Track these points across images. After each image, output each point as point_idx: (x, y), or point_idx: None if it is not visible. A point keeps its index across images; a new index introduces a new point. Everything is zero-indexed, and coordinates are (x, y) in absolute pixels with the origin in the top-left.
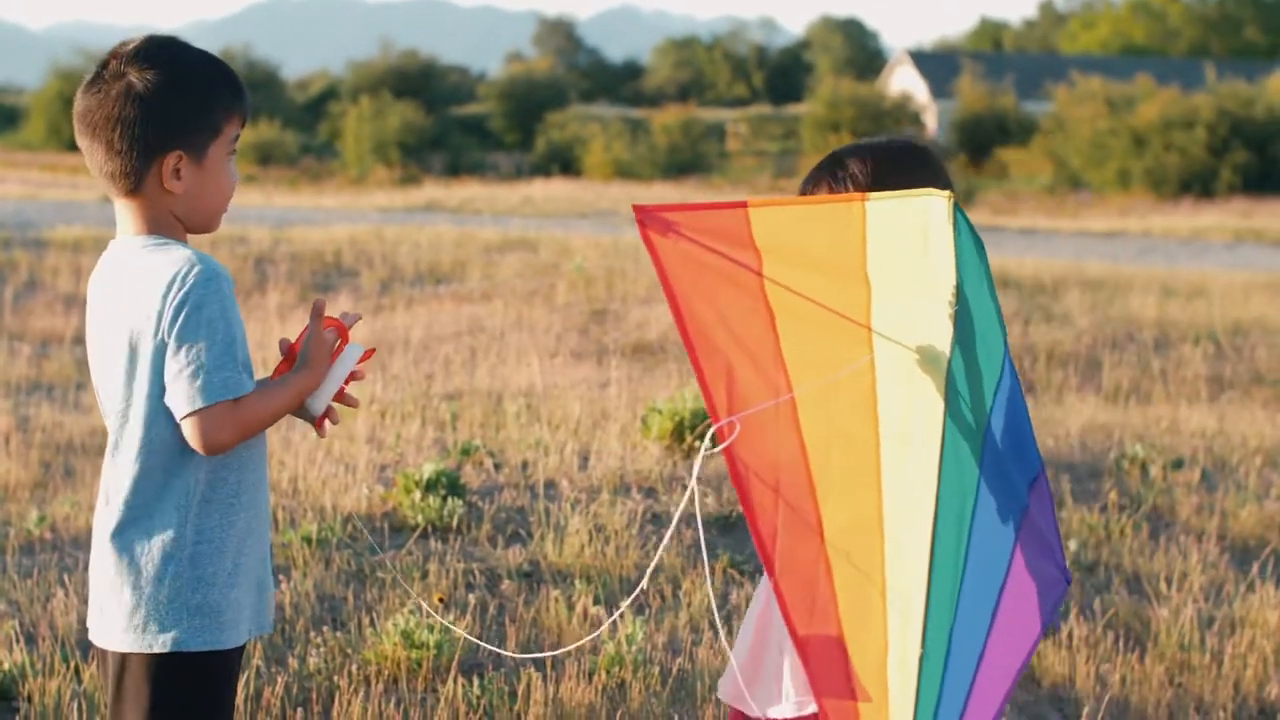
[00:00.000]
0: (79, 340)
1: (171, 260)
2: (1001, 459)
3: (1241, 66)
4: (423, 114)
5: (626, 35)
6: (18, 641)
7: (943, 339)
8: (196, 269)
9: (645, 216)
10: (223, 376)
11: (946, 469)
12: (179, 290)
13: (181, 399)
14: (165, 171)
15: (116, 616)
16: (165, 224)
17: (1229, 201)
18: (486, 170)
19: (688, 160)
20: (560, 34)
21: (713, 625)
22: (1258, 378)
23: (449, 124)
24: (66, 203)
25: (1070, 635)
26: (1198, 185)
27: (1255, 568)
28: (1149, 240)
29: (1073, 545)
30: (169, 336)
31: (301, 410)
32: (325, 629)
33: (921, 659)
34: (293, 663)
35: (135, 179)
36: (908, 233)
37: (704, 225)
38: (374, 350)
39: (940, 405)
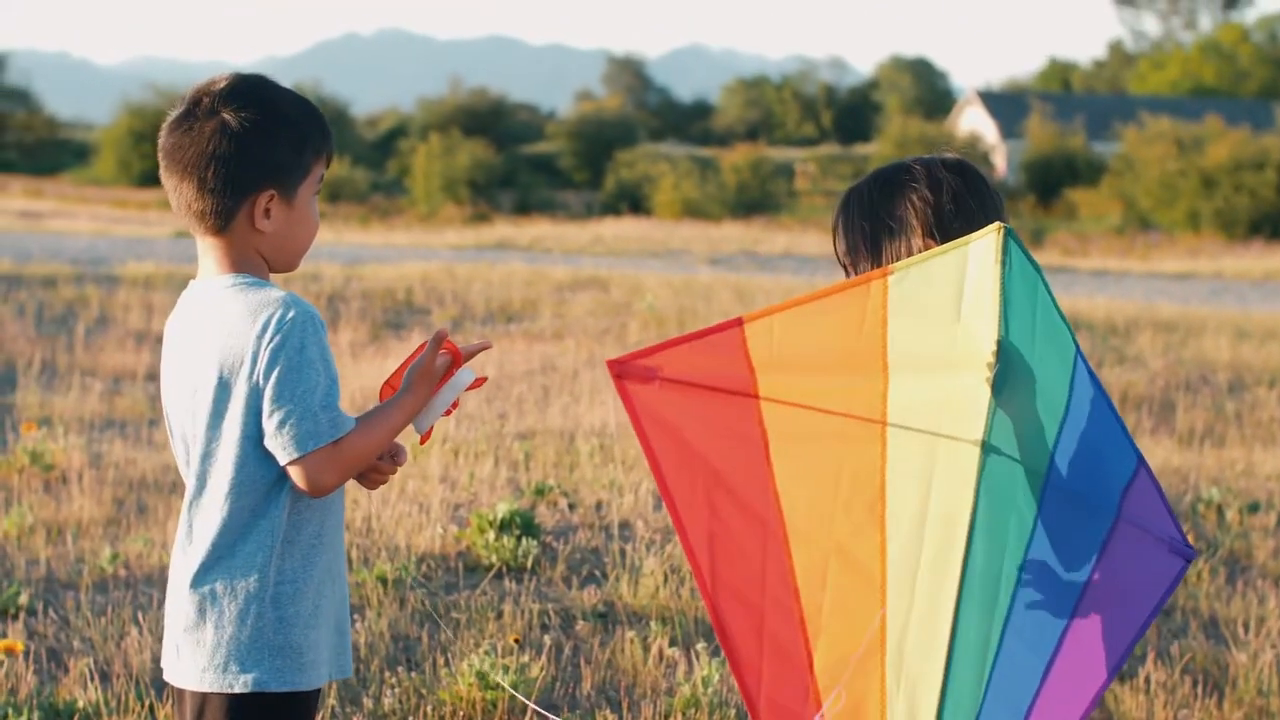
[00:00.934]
0: (151, 377)
1: (265, 301)
2: (1069, 502)
3: None
4: (492, 152)
5: (695, 74)
6: (92, 679)
7: (977, 410)
8: (293, 312)
9: (622, 369)
10: (328, 418)
11: (975, 551)
12: (275, 333)
13: (286, 445)
14: (257, 211)
15: (196, 656)
16: (252, 263)
17: None
18: (555, 209)
19: (756, 199)
20: (629, 72)
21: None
22: None
23: (518, 162)
24: (137, 239)
25: (1148, 680)
26: (1268, 227)
27: None
28: (1220, 282)
29: None
30: (264, 380)
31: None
32: (400, 669)
33: None
34: (368, 703)
35: (225, 217)
36: (938, 299)
37: (691, 359)
38: (485, 379)
39: (971, 482)
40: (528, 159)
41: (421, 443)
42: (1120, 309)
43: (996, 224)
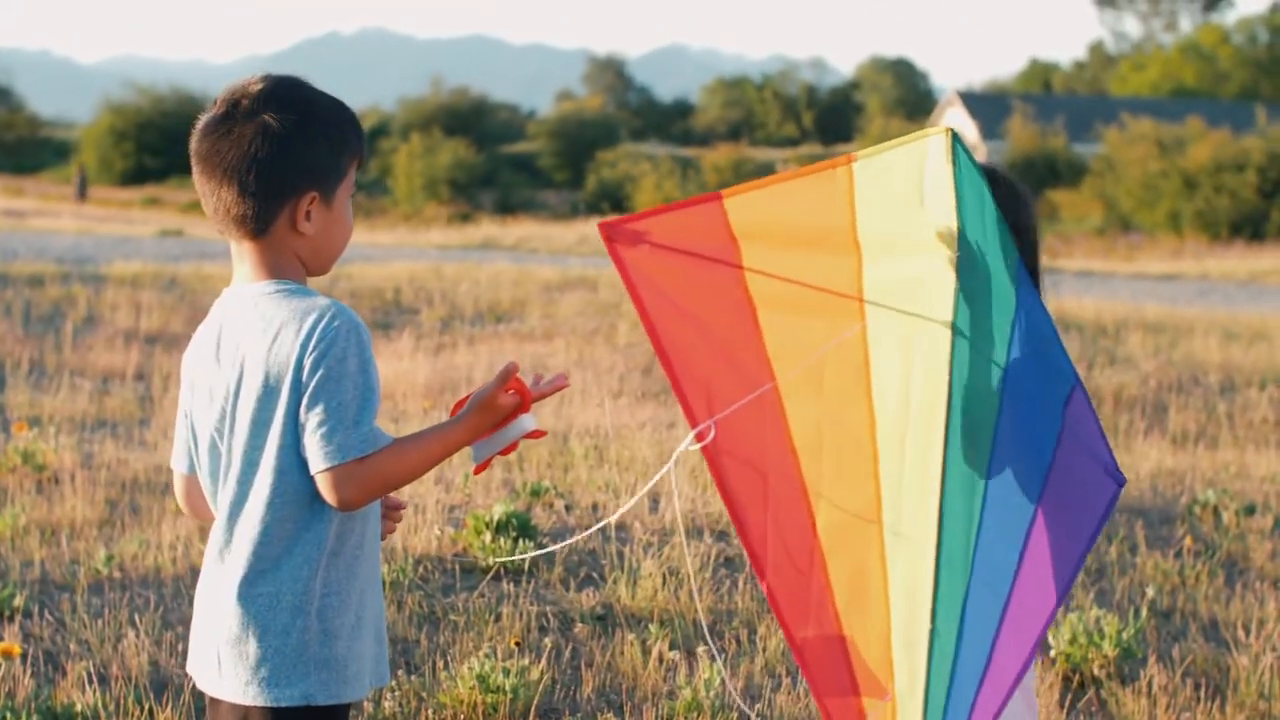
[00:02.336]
0: (140, 376)
1: (310, 309)
2: (1025, 396)
3: None
4: (473, 151)
5: (676, 74)
6: (90, 683)
7: (944, 292)
8: (338, 321)
9: (612, 231)
10: (360, 433)
11: (954, 430)
12: (320, 341)
13: (315, 455)
14: (299, 213)
15: (239, 669)
16: (290, 268)
17: (1279, 245)
18: (536, 208)
19: None
20: (610, 72)
21: (791, 671)
22: None
23: (499, 162)
24: (123, 238)
25: (1150, 683)
26: (1249, 228)
27: None
28: (1206, 283)
29: (1149, 591)
30: (307, 387)
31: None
32: (400, 673)
33: (931, 635)
34: (368, 706)
35: (265, 221)
36: (901, 186)
37: (676, 227)
38: (545, 433)
39: (944, 365)
40: (509, 158)
41: (475, 472)
42: (1109, 310)
43: (946, 127)
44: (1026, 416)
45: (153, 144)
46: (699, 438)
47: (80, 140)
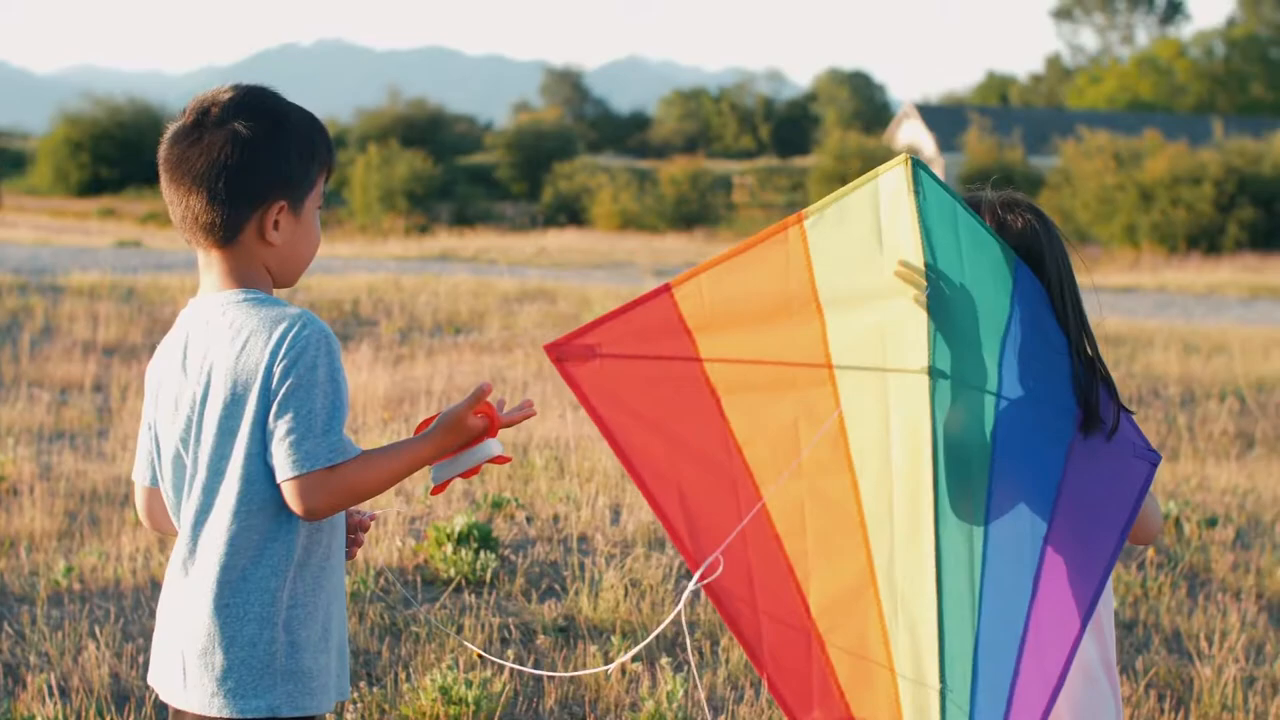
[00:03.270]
0: (98, 387)
1: (280, 316)
2: (1025, 415)
3: (1248, 123)
4: (430, 163)
5: (633, 86)
6: (51, 695)
7: (917, 335)
8: (308, 330)
9: (560, 352)
10: (328, 442)
11: (941, 477)
12: (291, 348)
13: (282, 463)
14: (267, 222)
15: (205, 681)
16: (258, 278)
17: (1236, 257)
18: (494, 220)
19: (695, 212)
20: (567, 84)
21: (754, 683)
22: None
23: (456, 173)
24: (80, 249)
25: None
26: (1205, 241)
27: None
28: (1164, 295)
29: (1112, 604)
30: (276, 396)
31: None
32: (362, 684)
33: (943, 694)
34: (330, 719)
35: (233, 229)
36: (857, 231)
37: (627, 331)
38: (510, 459)
39: (924, 413)
40: (466, 170)
41: (434, 493)
42: None
43: (903, 155)
44: (1029, 437)
45: (109, 155)
46: (707, 573)
47: (36, 151)
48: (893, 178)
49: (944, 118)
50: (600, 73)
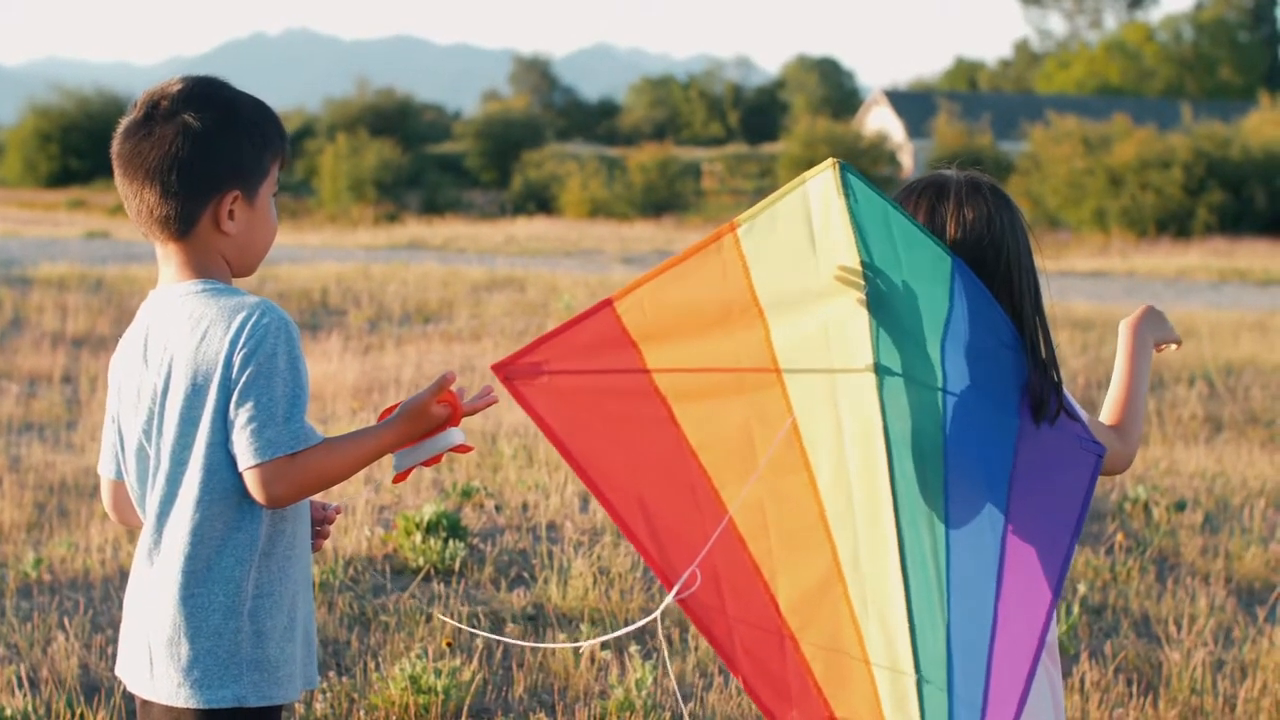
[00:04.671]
0: (67, 379)
1: (239, 306)
2: (973, 404)
3: (1217, 107)
4: (399, 152)
5: (602, 74)
6: (20, 687)
7: (860, 334)
8: (267, 318)
9: (508, 371)
10: (290, 429)
11: (899, 473)
12: (250, 337)
13: (244, 451)
14: (221, 213)
15: (171, 671)
16: (216, 268)
17: (1206, 241)
18: (463, 208)
19: (664, 199)
20: (536, 72)
21: (723, 670)
22: (1253, 418)
23: (425, 162)
24: (49, 240)
25: (1082, 680)
26: (1174, 225)
27: (1262, 612)
28: (1133, 280)
29: (1081, 588)
30: (236, 385)
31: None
32: (331, 674)
33: (919, 684)
34: (299, 709)
35: (188, 222)
36: (789, 238)
37: (572, 347)
38: (472, 448)
39: (874, 411)
40: (435, 159)
41: (395, 480)
42: None
43: (830, 159)
44: (979, 426)
45: (78, 146)
46: (684, 588)
47: (5, 143)
48: (820, 182)
49: (913, 104)
50: (568, 61)
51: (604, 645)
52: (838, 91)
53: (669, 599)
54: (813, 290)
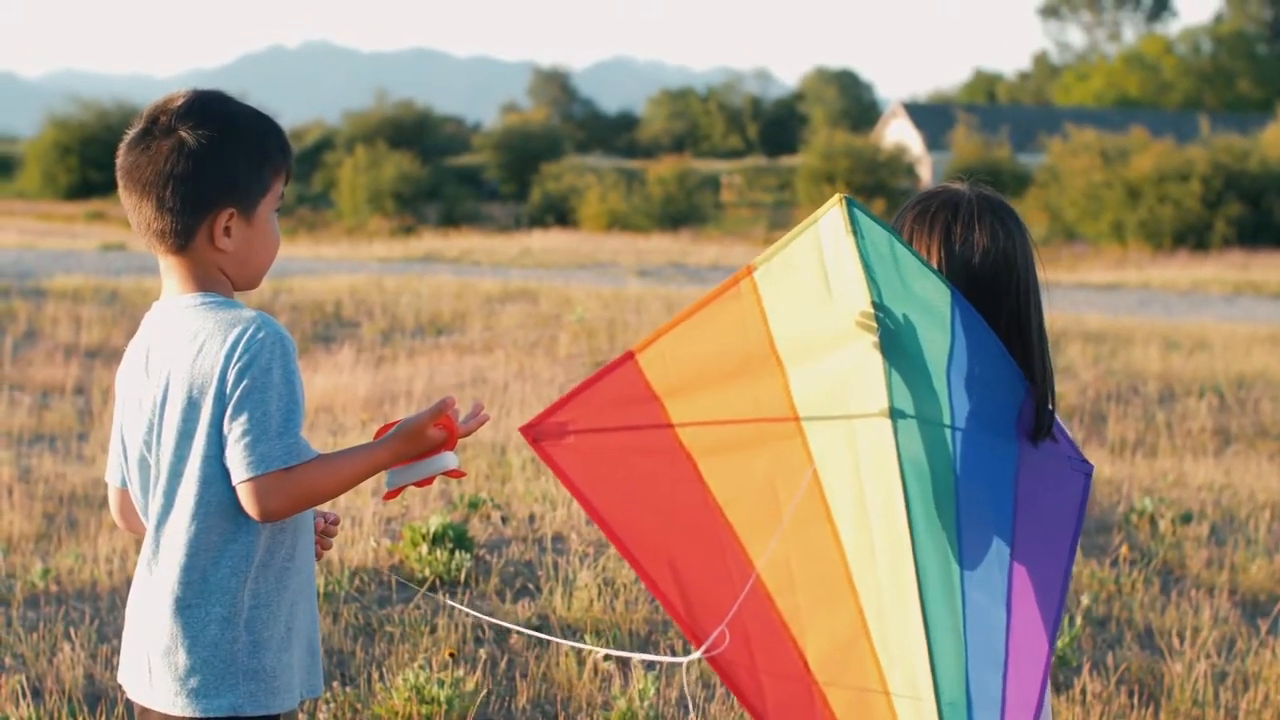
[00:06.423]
0: (80, 390)
1: (235, 320)
2: (978, 436)
3: (1235, 120)
4: (418, 164)
5: (621, 86)
6: (24, 696)
7: (875, 378)
8: (263, 332)
9: (535, 432)
10: (284, 443)
11: (916, 517)
12: (245, 351)
13: (238, 465)
14: (217, 229)
15: (168, 680)
16: (215, 281)
17: (1224, 254)
18: (482, 221)
19: (683, 211)
20: (555, 85)
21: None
22: (1263, 431)
23: (444, 174)
24: (65, 252)
25: (1084, 691)
26: (1192, 238)
27: (1265, 624)
28: (1148, 292)
29: (1084, 599)
30: (231, 398)
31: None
32: (335, 684)
33: (940, 709)
34: (303, 718)
35: (185, 236)
36: (805, 280)
37: (596, 405)
38: (465, 474)
39: (891, 455)
40: (454, 171)
41: (385, 499)
42: (1050, 320)
43: (837, 195)
44: (985, 459)
45: (97, 158)
46: (713, 647)
47: (25, 155)
48: (830, 220)
49: (931, 116)
50: (588, 73)
51: (606, 657)
52: (856, 104)
53: (697, 654)
54: (829, 334)
